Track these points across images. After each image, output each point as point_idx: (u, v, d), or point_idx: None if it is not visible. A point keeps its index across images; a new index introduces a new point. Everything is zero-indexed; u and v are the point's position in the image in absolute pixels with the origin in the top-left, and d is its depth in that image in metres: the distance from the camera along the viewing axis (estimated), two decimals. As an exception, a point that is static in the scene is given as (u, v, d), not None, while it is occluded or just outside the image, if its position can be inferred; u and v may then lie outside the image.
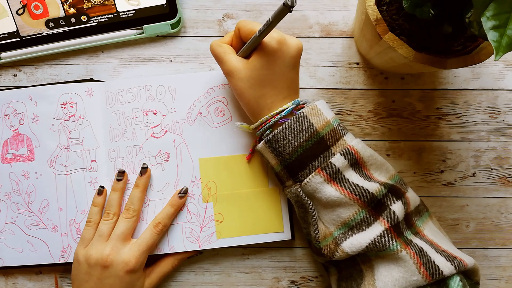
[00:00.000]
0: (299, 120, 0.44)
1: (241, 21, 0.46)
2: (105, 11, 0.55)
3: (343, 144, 0.45)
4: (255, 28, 0.43)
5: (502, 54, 0.31)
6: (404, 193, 0.45)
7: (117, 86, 0.54)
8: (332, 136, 0.45)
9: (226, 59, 0.46)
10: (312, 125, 0.44)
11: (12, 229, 0.55)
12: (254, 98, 0.45)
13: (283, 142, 0.44)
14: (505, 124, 0.56)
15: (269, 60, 0.44)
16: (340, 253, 0.44)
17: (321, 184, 0.44)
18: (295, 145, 0.44)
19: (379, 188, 0.43)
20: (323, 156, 0.44)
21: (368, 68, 0.56)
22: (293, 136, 0.44)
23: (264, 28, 0.41)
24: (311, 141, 0.44)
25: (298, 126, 0.44)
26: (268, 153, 0.46)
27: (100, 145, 0.54)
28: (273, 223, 0.54)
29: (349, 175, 0.44)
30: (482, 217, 0.56)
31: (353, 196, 0.43)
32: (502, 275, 0.56)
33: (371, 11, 0.43)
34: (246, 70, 0.45)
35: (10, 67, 0.57)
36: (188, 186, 0.54)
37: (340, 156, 0.44)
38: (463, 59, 0.43)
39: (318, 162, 0.44)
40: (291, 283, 0.56)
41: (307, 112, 0.45)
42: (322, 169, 0.43)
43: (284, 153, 0.44)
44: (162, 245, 0.53)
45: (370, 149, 0.46)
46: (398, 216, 0.43)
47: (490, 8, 0.31)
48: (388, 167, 0.48)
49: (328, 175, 0.43)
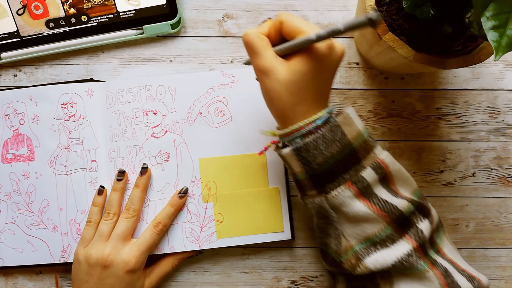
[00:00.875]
0: (332, 129, 0.41)
1: (284, 14, 0.41)
2: (105, 11, 0.55)
3: (374, 157, 0.42)
4: (302, 26, 0.39)
5: (502, 54, 0.31)
6: (429, 211, 0.44)
7: (117, 86, 0.54)
8: (364, 148, 0.42)
9: (264, 55, 0.40)
10: (345, 135, 0.41)
11: (12, 229, 0.55)
12: (291, 103, 0.41)
13: (314, 152, 0.41)
14: (505, 124, 0.56)
15: (315, 65, 0.40)
16: (363, 268, 0.42)
17: (349, 198, 0.41)
18: (327, 155, 0.41)
19: (407, 205, 0.41)
20: (354, 169, 0.41)
21: (368, 68, 0.56)
22: (325, 147, 0.41)
23: (326, 34, 0.36)
24: (343, 152, 0.41)
25: (331, 136, 0.41)
26: (293, 161, 0.42)
27: (100, 145, 0.54)
28: (273, 223, 0.54)
29: (378, 190, 0.42)
30: (482, 217, 0.56)
31: (381, 212, 0.41)
32: (502, 275, 0.56)
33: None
34: (286, 73, 0.40)
35: (11, 67, 0.57)
36: (188, 186, 0.54)
37: (371, 171, 0.41)
38: (463, 59, 0.43)
39: (349, 175, 0.41)
40: (291, 283, 0.56)
41: (340, 121, 0.41)
42: (352, 183, 0.41)
43: (313, 163, 0.41)
44: (162, 245, 0.53)
45: (397, 163, 0.44)
46: (425, 235, 0.41)
47: (490, 8, 0.31)
48: (412, 182, 0.46)
49: (358, 190, 0.41)
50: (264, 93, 0.42)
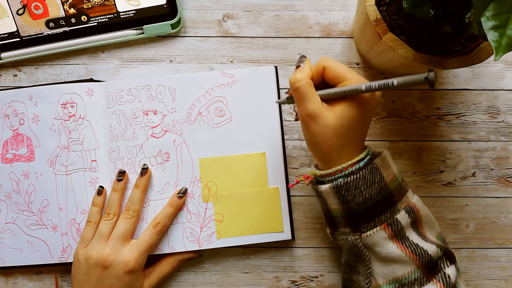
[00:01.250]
0: (372, 171, 0.42)
1: (326, 60, 0.43)
2: (105, 11, 0.55)
3: (407, 201, 0.44)
4: (346, 74, 0.42)
5: (502, 54, 0.31)
6: (455, 258, 0.45)
7: (117, 86, 0.54)
8: (399, 192, 0.44)
9: (313, 100, 0.42)
10: (383, 178, 0.43)
11: (12, 229, 0.55)
12: (338, 147, 0.42)
13: (354, 192, 0.42)
14: (505, 124, 0.56)
15: (359, 110, 0.42)
16: None
17: (384, 240, 0.42)
18: (366, 196, 0.42)
19: (436, 250, 0.43)
20: (390, 212, 0.43)
21: (368, 68, 0.56)
22: (365, 188, 0.42)
23: (377, 88, 0.38)
24: (381, 195, 0.43)
25: (371, 178, 0.42)
26: (331, 198, 0.44)
27: (100, 145, 0.54)
28: (273, 223, 0.54)
29: (409, 233, 0.43)
30: (482, 217, 0.56)
31: (413, 255, 0.42)
32: (502, 275, 0.56)
33: (371, 11, 0.43)
34: (332, 117, 0.41)
35: (11, 67, 0.57)
36: (188, 186, 0.54)
37: (405, 214, 0.43)
38: (463, 59, 0.43)
39: (385, 217, 0.43)
40: (291, 283, 0.56)
41: (379, 164, 0.43)
42: (388, 225, 0.42)
43: (353, 202, 0.43)
44: (162, 245, 0.53)
45: (426, 208, 0.46)
46: (452, 280, 0.42)
47: (490, 8, 0.31)
48: (437, 226, 0.47)
49: (393, 232, 0.42)
50: (311, 136, 0.43)
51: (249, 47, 0.57)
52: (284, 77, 0.56)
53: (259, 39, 0.57)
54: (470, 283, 0.56)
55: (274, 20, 0.57)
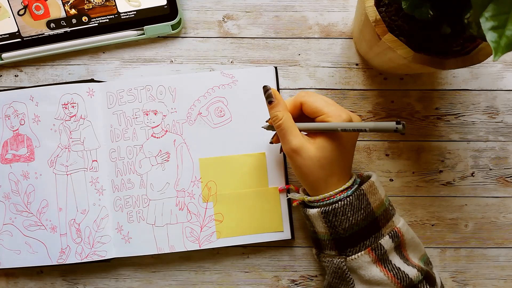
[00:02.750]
0: (359, 198, 0.44)
1: (305, 95, 0.46)
2: (106, 12, 0.55)
3: (392, 226, 0.45)
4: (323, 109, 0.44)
5: (501, 54, 0.31)
6: (435, 280, 0.46)
7: (117, 86, 0.55)
8: (384, 217, 0.45)
9: (295, 134, 0.44)
10: (370, 204, 0.44)
11: (10, 230, 0.55)
12: (323, 177, 0.44)
13: (341, 217, 0.44)
14: (504, 124, 0.56)
15: (339, 141, 0.44)
16: None
17: (368, 264, 0.44)
18: (352, 222, 0.44)
19: (417, 274, 0.44)
20: (374, 237, 0.44)
21: (367, 69, 0.56)
22: (352, 214, 0.44)
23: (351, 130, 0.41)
24: (366, 220, 0.44)
25: (358, 204, 0.44)
26: (319, 222, 0.46)
27: (101, 145, 0.54)
28: (273, 223, 0.54)
29: (392, 257, 0.45)
30: (480, 217, 0.56)
31: (395, 279, 0.43)
32: (501, 274, 0.56)
33: (370, 12, 0.44)
34: (314, 149, 0.44)
35: (12, 67, 0.57)
36: (188, 186, 0.54)
37: (389, 239, 0.44)
38: (461, 60, 0.43)
39: (369, 242, 0.44)
40: (291, 282, 0.56)
41: (366, 189, 0.45)
42: (372, 250, 0.44)
43: (339, 228, 0.44)
44: (162, 245, 0.54)
45: (411, 231, 0.47)
46: None
47: (489, 9, 0.31)
48: (421, 248, 0.48)
49: (376, 256, 0.44)
50: (297, 169, 0.45)
51: (249, 47, 0.57)
52: (284, 78, 0.56)
53: (259, 39, 0.57)
54: (469, 283, 0.56)
55: (274, 21, 0.57)
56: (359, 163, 0.56)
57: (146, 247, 0.54)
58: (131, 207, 0.54)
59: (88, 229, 0.54)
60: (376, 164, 0.56)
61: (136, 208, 0.54)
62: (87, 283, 0.56)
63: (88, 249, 0.54)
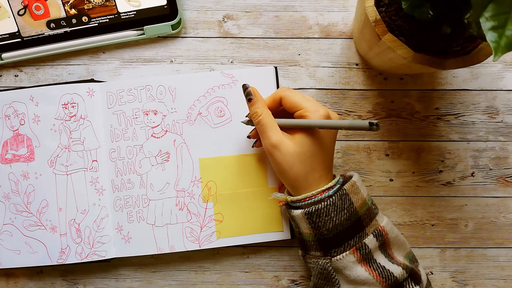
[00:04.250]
0: (342, 198, 0.44)
1: (284, 90, 0.47)
2: (106, 12, 0.55)
3: (376, 225, 0.45)
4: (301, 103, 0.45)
5: (501, 54, 0.31)
6: (420, 277, 0.46)
7: (117, 86, 0.55)
8: (368, 216, 0.45)
9: (274, 130, 0.45)
10: (352, 204, 0.44)
11: (10, 230, 0.55)
12: (304, 173, 0.45)
13: (325, 218, 0.44)
14: (504, 124, 0.56)
15: (317, 138, 0.45)
16: None
17: (353, 263, 0.44)
18: (336, 222, 0.44)
19: (401, 272, 0.44)
20: (358, 236, 0.44)
21: (367, 69, 0.56)
22: (335, 214, 0.44)
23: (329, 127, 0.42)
24: (350, 220, 0.44)
25: (341, 204, 0.44)
26: (303, 223, 0.46)
27: (101, 145, 0.54)
28: (272, 223, 0.54)
29: (377, 256, 0.45)
30: (480, 217, 0.56)
31: (380, 278, 0.43)
32: (501, 274, 0.56)
33: (370, 12, 0.44)
34: (293, 145, 0.45)
35: (12, 67, 0.57)
36: (188, 186, 0.54)
37: (373, 238, 0.44)
38: (461, 60, 0.43)
39: (354, 242, 0.44)
40: (291, 282, 0.56)
41: (348, 189, 0.45)
42: (356, 249, 0.44)
43: (323, 228, 0.44)
44: (162, 245, 0.54)
45: (396, 229, 0.47)
46: None
47: (488, 9, 0.31)
48: (406, 246, 0.49)
49: (361, 256, 0.44)
50: (277, 165, 0.46)
51: (249, 47, 0.57)
52: (284, 78, 0.56)
53: (259, 39, 0.57)
54: (469, 283, 0.56)
55: (274, 21, 0.57)
56: (359, 163, 0.56)
57: (146, 247, 0.54)
58: (131, 207, 0.54)
59: (88, 229, 0.54)
60: (376, 164, 0.56)
61: (136, 208, 0.54)
62: (87, 283, 0.56)
63: (88, 249, 0.54)
